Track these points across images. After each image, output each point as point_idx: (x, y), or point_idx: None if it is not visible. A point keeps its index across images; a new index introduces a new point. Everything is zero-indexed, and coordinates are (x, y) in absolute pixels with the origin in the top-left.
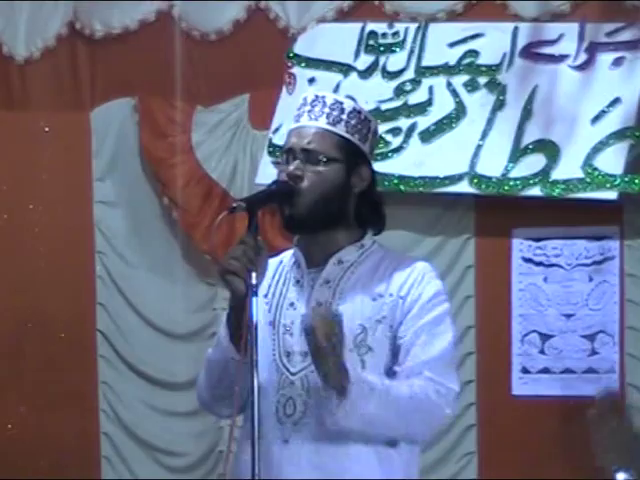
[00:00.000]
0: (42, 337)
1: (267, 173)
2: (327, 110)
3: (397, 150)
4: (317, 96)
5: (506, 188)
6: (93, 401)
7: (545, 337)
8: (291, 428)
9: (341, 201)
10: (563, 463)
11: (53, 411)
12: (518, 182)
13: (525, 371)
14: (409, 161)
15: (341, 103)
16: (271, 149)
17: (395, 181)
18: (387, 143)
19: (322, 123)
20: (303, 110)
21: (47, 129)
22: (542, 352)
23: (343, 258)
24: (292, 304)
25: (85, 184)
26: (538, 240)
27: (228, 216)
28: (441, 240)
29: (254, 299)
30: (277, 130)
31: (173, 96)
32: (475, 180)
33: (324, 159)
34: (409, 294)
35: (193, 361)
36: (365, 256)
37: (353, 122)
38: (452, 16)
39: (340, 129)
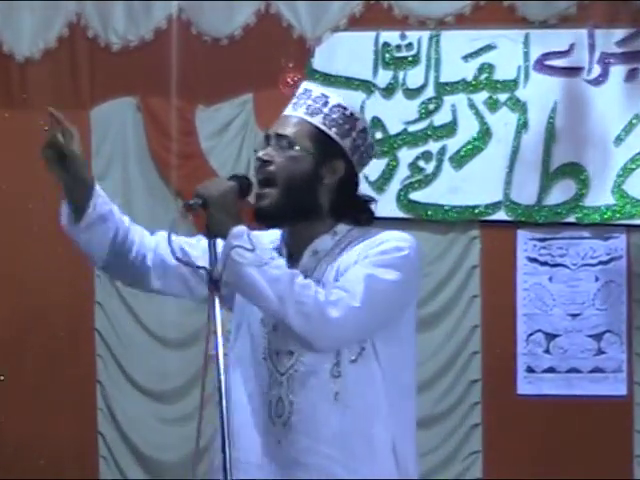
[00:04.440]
0: (41, 336)
1: None
2: (310, 102)
3: (431, 177)
4: (306, 89)
5: (542, 217)
6: (91, 400)
7: (550, 337)
8: (282, 429)
9: (309, 191)
10: (568, 462)
11: (51, 410)
12: (554, 210)
13: (530, 370)
14: (443, 188)
15: (327, 97)
16: None
17: (431, 210)
18: (420, 170)
19: (300, 113)
20: (290, 101)
21: (46, 128)
22: (547, 352)
23: (318, 248)
24: None
25: None
26: (543, 240)
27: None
28: (448, 241)
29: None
30: None
31: (174, 95)
32: (511, 208)
33: (293, 146)
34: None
35: (185, 366)
36: (340, 244)
37: (334, 116)
38: (460, 19)
39: (317, 120)
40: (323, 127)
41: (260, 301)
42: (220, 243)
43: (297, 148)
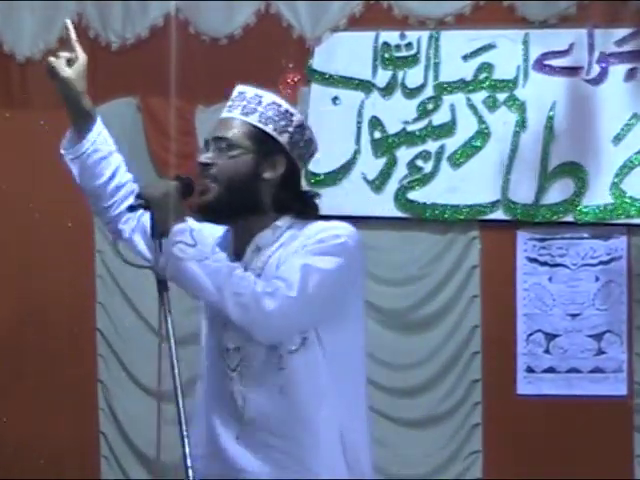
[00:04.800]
0: (42, 336)
1: None
2: (244, 102)
3: (429, 177)
4: (239, 92)
5: (540, 216)
6: (92, 400)
7: (550, 337)
8: (238, 424)
9: (251, 188)
10: (568, 462)
11: (53, 410)
12: (552, 209)
13: (530, 370)
14: (441, 187)
15: (260, 96)
16: (309, 177)
17: (429, 210)
18: (419, 169)
19: (236, 114)
20: (226, 105)
21: (47, 128)
22: (547, 352)
23: (259, 243)
24: None
25: None
26: (543, 240)
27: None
28: (448, 241)
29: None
30: None
31: (173, 95)
32: (509, 207)
33: (232, 146)
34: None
35: (187, 365)
36: (280, 238)
37: (269, 113)
38: (460, 19)
39: (253, 119)
40: (260, 125)
41: (201, 294)
42: None
43: (236, 148)
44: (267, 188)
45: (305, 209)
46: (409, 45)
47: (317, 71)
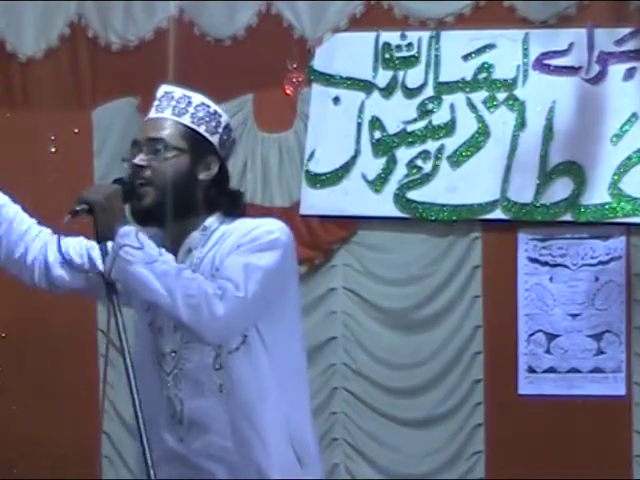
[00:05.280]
0: (44, 336)
1: (309, 203)
2: (174, 103)
3: (429, 176)
4: (166, 92)
5: (539, 215)
6: (94, 400)
7: (551, 337)
8: (179, 427)
9: (187, 190)
10: (568, 462)
11: (54, 410)
12: (550, 208)
13: (531, 370)
14: (440, 187)
15: (189, 97)
16: (309, 177)
17: (429, 209)
18: (419, 168)
19: (167, 114)
20: (152, 105)
21: (51, 136)
22: (548, 352)
23: (191, 245)
24: None
25: (86, 183)
26: (544, 240)
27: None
28: (450, 241)
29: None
30: (312, 157)
31: None
32: (508, 207)
33: (168, 148)
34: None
35: None
36: (210, 238)
37: (200, 114)
38: (460, 19)
39: (185, 119)
40: (193, 125)
41: (151, 297)
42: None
43: (172, 149)
44: (200, 189)
45: (234, 208)
46: (409, 45)
47: (318, 71)
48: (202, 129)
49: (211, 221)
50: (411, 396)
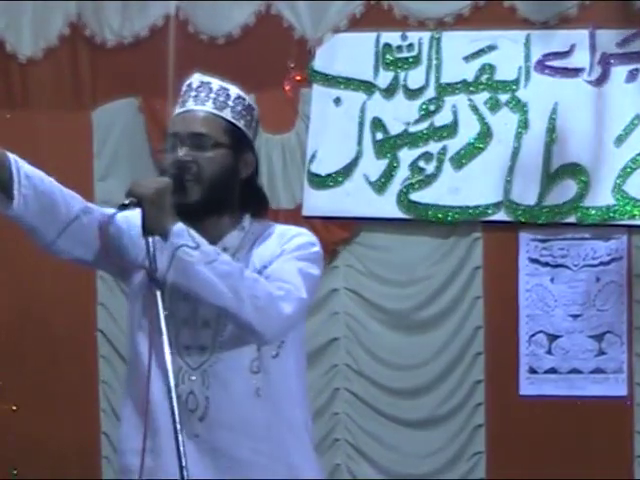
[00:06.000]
0: (43, 337)
1: (311, 204)
2: (213, 95)
3: (432, 178)
4: (202, 82)
5: (542, 217)
6: (94, 401)
7: (552, 337)
8: (198, 423)
9: (229, 187)
10: (569, 462)
11: (54, 411)
12: (554, 211)
13: (532, 371)
14: (444, 188)
15: (227, 89)
16: (311, 178)
17: (432, 211)
18: (421, 170)
19: (209, 107)
20: (188, 95)
21: (49, 130)
22: (549, 352)
23: (227, 244)
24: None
25: (86, 184)
26: (545, 241)
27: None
28: (451, 242)
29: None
30: (313, 157)
31: (175, 96)
32: (511, 208)
33: (213, 144)
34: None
35: None
36: (246, 239)
37: (239, 108)
38: (460, 20)
39: (227, 114)
40: (234, 120)
41: (215, 298)
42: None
43: (217, 146)
44: (239, 186)
45: (262, 208)
46: (410, 46)
47: (319, 72)
48: (241, 124)
49: (247, 221)
50: (412, 396)
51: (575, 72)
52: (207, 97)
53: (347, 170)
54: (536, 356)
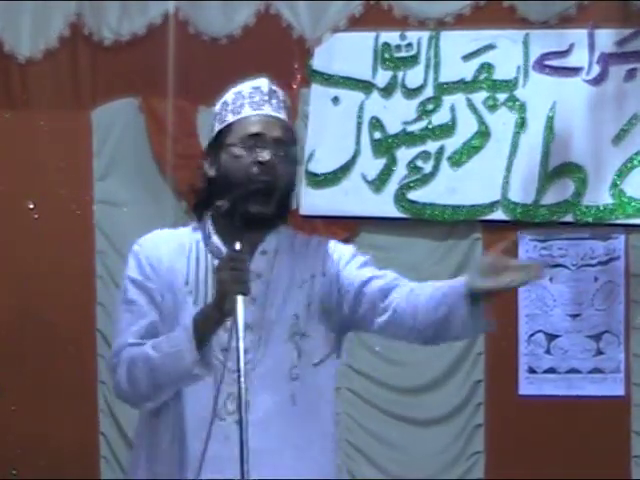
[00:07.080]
0: (42, 337)
1: (309, 203)
2: (282, 104)
3: (429, 177)
4: (272, 89)
5: (540, 216)
6: (92, 401)
7: (551, 337)
8: (233, 425)
9: (292, 194)
10: (567, 462)
11: (52, 411)
12: (551, 209)
13: (531, 371)
14: (441, 188)
15: (285, 98)
16: (309, 177)
17: (429, 210)
18: (419, 169)
19: (283, 115)
20: (262, 99)
21: (48, 129)
22: (548, 352)
23: (266, 248)
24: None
25: (86, 184)
26: (544, 241)
27: None
28: (451, 243)
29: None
30: (311, 157)
31: (175, 96)
32: (509, 207)
33: (289, 151)
34: (330, 265)
35: None
36: (282, 243)
37: (288, 113)
38: (460, 19)
39: (291, 123)
40: (290, 125)
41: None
42: None
43: (291, 153)
44: None
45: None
46: (409, 45)
47: (317, 71)
48: (293, 129)
49: (283, 225)
50: (413, 396)
51: (574, 71)
52: (278, 105)
53: (345, 169)
54: (535, 356)
